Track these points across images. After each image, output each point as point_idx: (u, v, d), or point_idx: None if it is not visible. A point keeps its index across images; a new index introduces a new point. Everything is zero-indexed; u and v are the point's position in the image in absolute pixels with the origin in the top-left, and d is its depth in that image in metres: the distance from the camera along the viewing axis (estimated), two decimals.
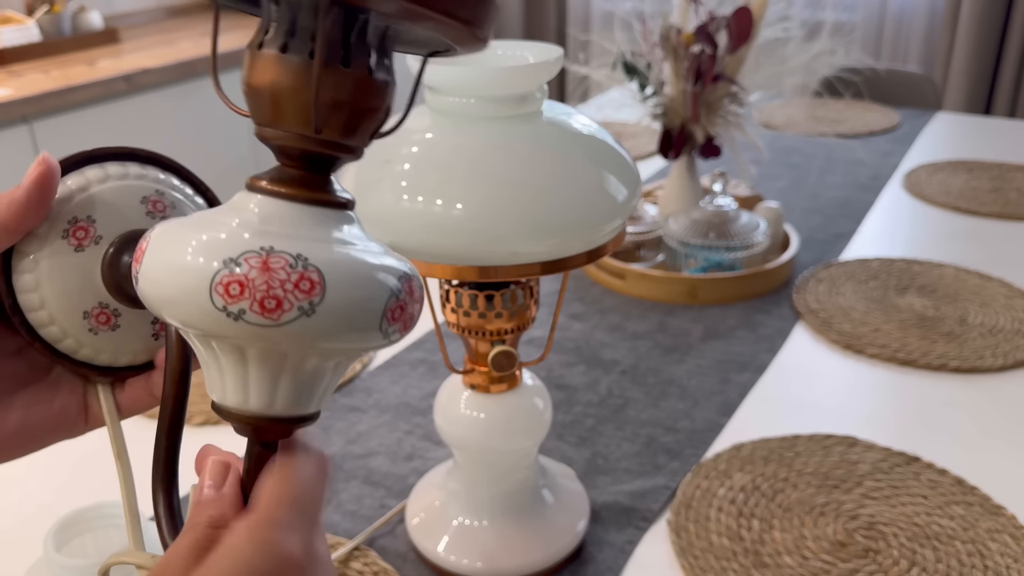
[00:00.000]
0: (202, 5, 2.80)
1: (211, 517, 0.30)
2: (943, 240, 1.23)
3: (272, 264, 0.27)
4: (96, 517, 0.59)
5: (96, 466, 0.80)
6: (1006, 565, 0.66)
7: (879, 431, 0.82)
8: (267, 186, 0.30)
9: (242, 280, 0.26)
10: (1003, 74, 2.48)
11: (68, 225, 0.36)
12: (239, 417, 0.30)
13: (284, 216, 0.29)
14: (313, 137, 0.29)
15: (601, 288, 1.11)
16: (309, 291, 0.27)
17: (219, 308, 0.27)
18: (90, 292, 0.37)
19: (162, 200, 0.39)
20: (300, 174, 0.30)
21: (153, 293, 0.29)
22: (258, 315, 0.27)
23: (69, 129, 1.84)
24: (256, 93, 0.29)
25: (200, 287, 0.27)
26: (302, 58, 0.28)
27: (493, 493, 0.67)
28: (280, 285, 0.27)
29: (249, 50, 0.29)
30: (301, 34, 0.28)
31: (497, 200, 0.52)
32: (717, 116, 1.11)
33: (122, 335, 0.38)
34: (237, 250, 0.27)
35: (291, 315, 0.27)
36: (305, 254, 0.27)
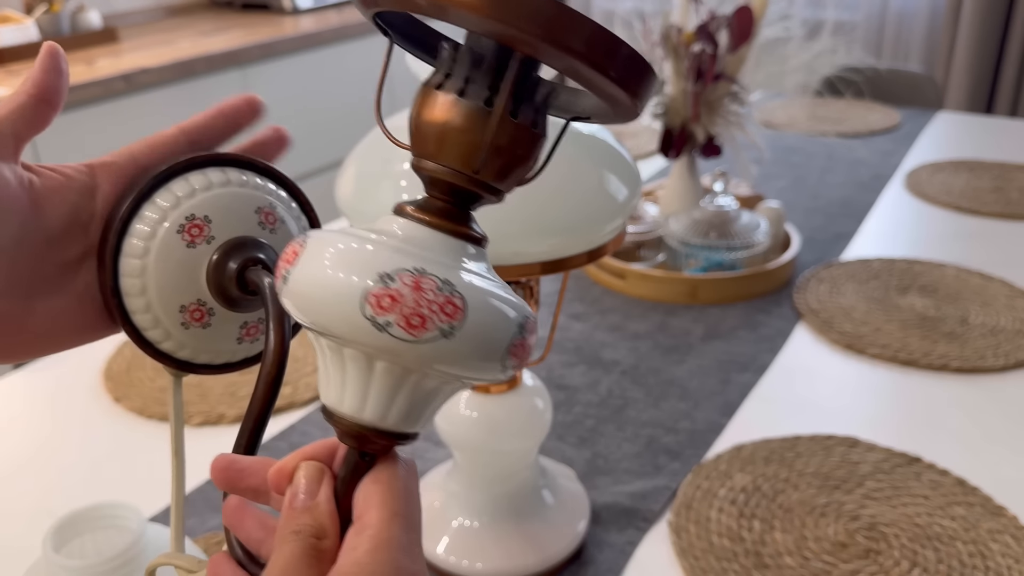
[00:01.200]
0: (202, 5, 2.80)
1: (311, 526, 0.30)
2: (944, 240, 1.23)
3: (423, 284, 0.29)
4: (96, 517, 0.59)
5: (96, 466, 0.80)
6: (1007, 566, 0.65)
7: (880, 432, 0.81)
8: (415, 213, 0.32)
9: (394, 295, 0.28)
10: (1004, 73, 2.48)
11: (185, 221, 0.37)
12: (351, 425, 0.32)
13: (427, 241, 0.31)
14: (470, 176, 0.31)
15: (601, 288, 1.11)
16: (452, 315, 0.29)
17: (367, 317, 0.28)
18: (192, 288, 0.38)
19: (274, 213, 0.40)
20: (447, 207, 0.32)
21: (304, 294, 0.30)
22: (403, 330, 0.28)
23: (68, 129, 1.83)
24: (424, 128, 0.31)
25: (353, 295, 0.29)
26: (477, 104, 0.30)
27: (493, 494, 0.67)
28: (427, 305, 0.28)
29: (425, 88, 0.32)
30: (478, 82, 0.31)
31: None
32: (718, 115, 1.11)
33: (210, 334, 0.39)
34: (393, 266, 0.29)
35: (431, 335, 0.29)
36: (452, 280, 0.29)
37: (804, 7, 2.61)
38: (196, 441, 0.82)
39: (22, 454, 0.82)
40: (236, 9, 2.72)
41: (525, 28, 0.27)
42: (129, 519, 0.58)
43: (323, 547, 0.30)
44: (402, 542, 0.29)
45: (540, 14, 0.27)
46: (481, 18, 0.27)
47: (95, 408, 0.89)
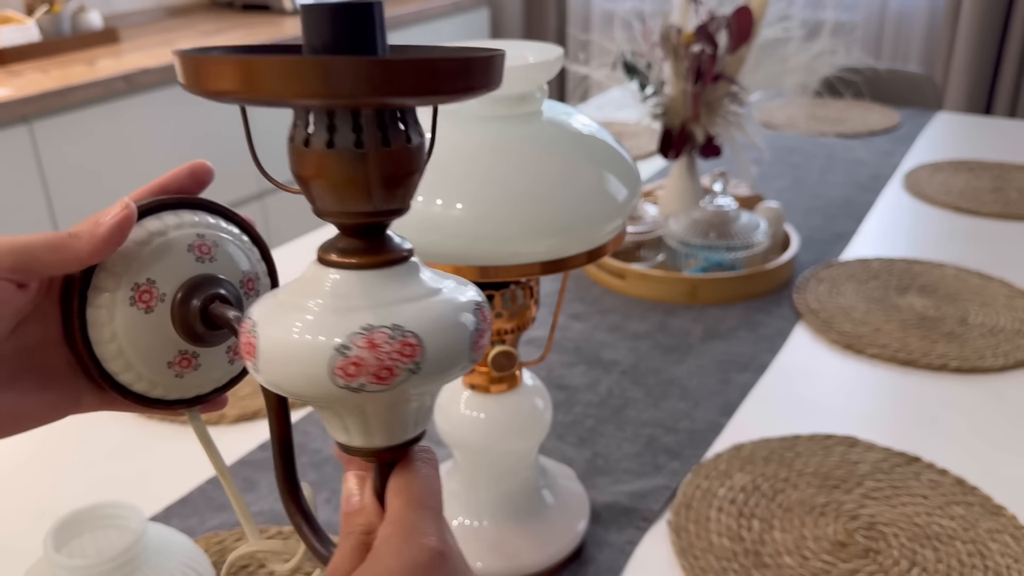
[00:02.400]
0: (202, 5, 2.80)
1: (361, 525, 0.36)
2: (944, 240, 1.23)
3: (376, 340, 0.31)
4: (96, 517, 0.59)
5: (96, 466, 0.80)
6: (1006, 565, 0.66)
7: (879, 431, 0.82)
8: (339, 259, 0.33)
9: (356, 361, 0.31)
10: (1004, 74, 2.48)
11: (132, 292, 0.38)
12: (366, 452, 0.36)
13: (362, 287, 0.32)
14: (372, 212, 0.32)
15: (601, 288, 1.11)
16: (412, 355, 0.31)
17: (341, 387, 0.31)
18: (169, 344, 0.40)
19: (205, 243, 0.41)
20: (363, 244, 0.33)
21: (277, 381, 0.32)
22: (375, 383, 0.31)
23: (69, 129, 1.84)
24: (313, 184, 0.32)
25: (320, 375, 0.31)
26: (348, 150, 0.31)
27: (493, 493, 0.67)
28: (387, 356, 0.31)
29: (292, 144, 0.32)
30: (342, 128, 0.31)
31: (497, 200, 0.52)
32: (717, 116, 1.11)
33: (203, 371, 0.41)
34: (344, 334, 0.31)
35: (401, 377, 0.31)
36: (399, 323, 0.31)
37: (803, 8, 2.62)
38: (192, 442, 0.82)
39: (22, 454, 0.82)
40: (236, 10, 2.72)
41: (358, 94, 0.27)
42: (130, 519, 0.58)
43: (371, 540, 0.35)
44: (411, 521, 0.34)
45: (366, 78, 0.27)
46: (317, 100, 0.28)
47: None
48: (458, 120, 0.56)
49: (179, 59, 0.30)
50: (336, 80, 0.27)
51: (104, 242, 0.37)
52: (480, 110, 0.55)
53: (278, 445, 0.39)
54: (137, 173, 1.98)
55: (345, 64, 0.27)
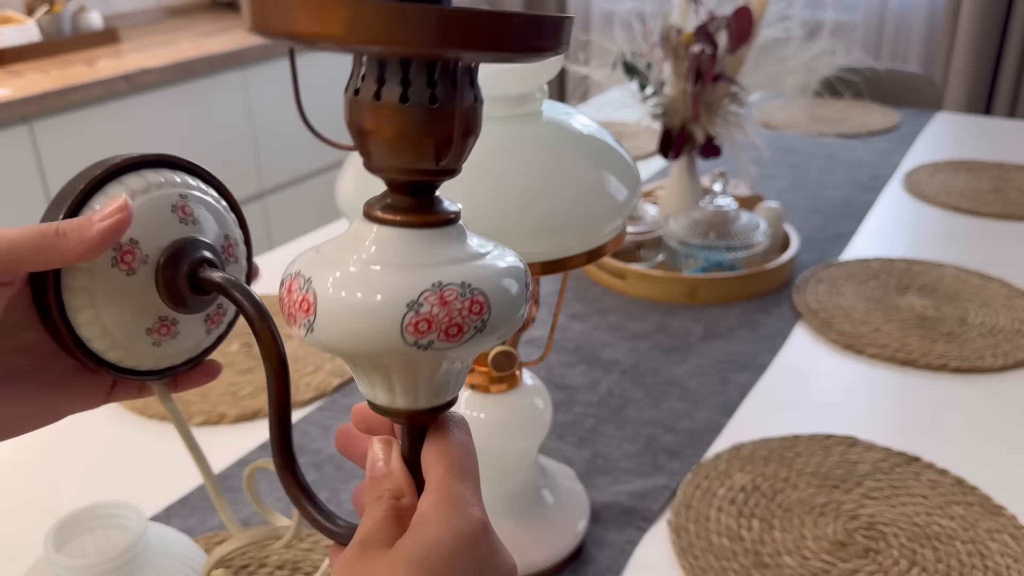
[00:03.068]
0: (202, 5, 2.80)
1: (390, 490, 0.34)
2: (943, 240, 1.23)
3: (447, 297, 0.31)
4: (96, 517, 0.59)
5: (97, 466, 0.80)
6: (1006, 565, 0.66)
7: (879, 431, 0.82)
8: (395, 217, 0.32)
9: (427, 318, 0.30)
10: (1003, 74, 2.48)
11: (115, 252, 0.37)
12: (407, 414, 0.34)
13: (421, 245, 0.32)
14: (436, 169, 0.32)
15: (601, 288, 1.11)
16: (480, 312, 0.31)
17: (411, 344, 0.31)
18: (150, 309, 0.38)
19: (187, 203, 0.39)
20: (418, 202, 0.33)
21: (339, 339, 0.31)
22: (444, 341, 0.31)
23: (69, 129, 1.84)
24: (373, 138, 0.31)
25: (392, 330, 0.30)
26: (422, 104, 0.30)
27: (493, 493, 0.67)
28: (458, 313, 0.31)
29: (356, 97, 0.31)
30: (416, 82, 0.30)
31: (497, 200, 0.52)
32: (717, 116, 1.11)
33: (180, 340, 0.40)
34: (416, 291, 0.30)
35: (469, 335, 0.31)
36: (468, 280, 0.31)
37: (803, 8, 2.60)
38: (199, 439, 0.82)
39: (22, 454, 0.82)
40: (237, 10, 2.72)
41: (431, 43, 0.27)
42: (130, 518, 0.58)
43: (403, 505, 0.34)
44: (460, 492, 0.33)
45: (441, 26, 0.27)
46: (387, 47, 0.28)
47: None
48: None
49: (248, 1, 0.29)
50: (411, 27, 0.27)
51: (95, 245, 0.35)
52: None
53: (276, 416, 0.37)
54: None
55: (421, 11, 0.27)
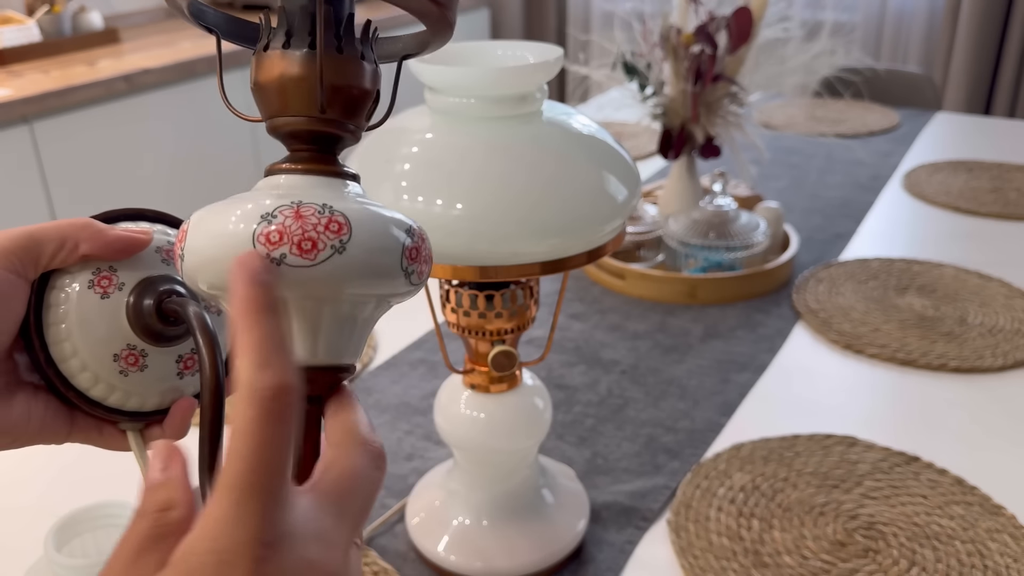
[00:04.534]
0: None
1: (159, 502, 0.28)
2: (943, 240, 1.24)
3: (303, 212, 0.31)
4: (96, 517, 0.59)
5: (96, 466, 0.80)
6: (1006, 565, 0.66)
7: (879, 431, 0.82)
8: (284, 166, 0.34)
9: (280, 229, 0.30)
10: (1003, 74, 2.48)
11: (92, 275, 0.39)
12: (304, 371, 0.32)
13: (303, 184, 0.33)
14: (319, 117, 0.33)
15: (601, 288, 1.11)
16: (338, 231, 0.31)
17: (265, 256, 0.30)
18: (118, 335, 0.39)
19: (173, 250, 0.41)
20: (311, 153, 0.34)
21: (201, 261, 0.32)
22: (297, 256, 0.30)
23: (69, 129, 1.84)
24: (265, 88, 0.33)
25: (243, 243, 0.30)
26: (303, 50, 0.33)
27: (493, 493, 0.67)
28: (313, 228, 0.30)
29: (255, 55, 0.34)
30: (298, 33, 0.33)
31: (497, 200, 0.52)
32: (717, 116, 1.11)
33: (149, 376, 0.40)
34: (272, 206, 0.31)
35: (326, 254, 0.30)
36: (329, 203, 0.31)
37: (803, 8, 2.62)
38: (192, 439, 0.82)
39: (22, 454, 0.82)
40: (237, 10, 2.72)
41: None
42: (130, 518, 0.58)
43: (170, 519, 0.27)
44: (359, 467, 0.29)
45: None
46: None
47: None
48: (458, 121, 0.56)
49: None
50: None
51: (109, 243, 0.37)
52: (480, 110, 0.56)
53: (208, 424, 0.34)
54: (137, 173, 1.98)
55: None
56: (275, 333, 0.27)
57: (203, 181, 2.11)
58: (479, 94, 0.55)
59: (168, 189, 2.04)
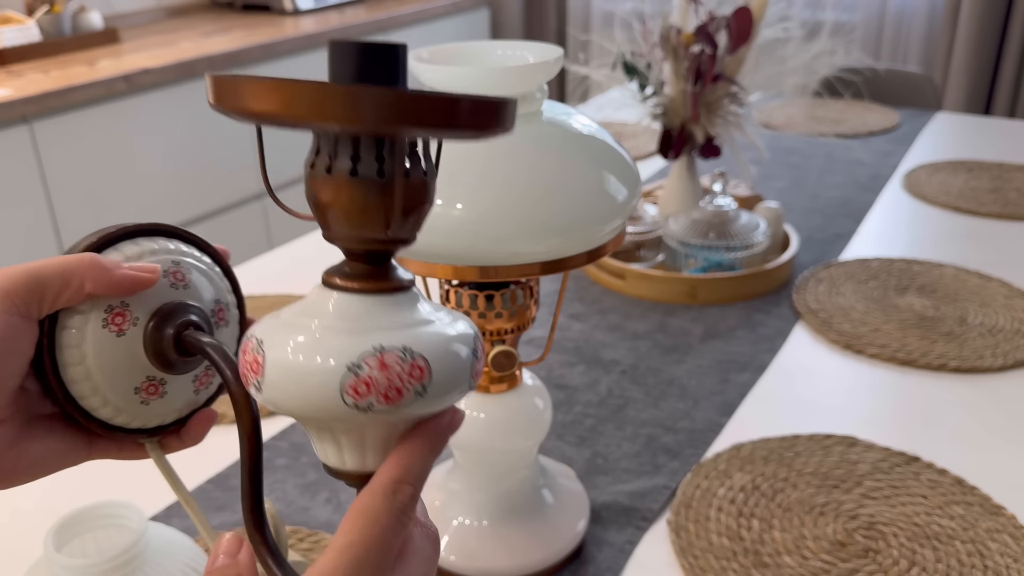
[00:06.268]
0: (202, 5, 2.80)
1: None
2: (943, 240, 1.24)
3: (387, 361, 0.32)
4: (96, 517, 0.59)
5: (96, 466, 0.80)
6: (1006, 565, 0.66)
7: (879, 431, 0.82)
8: (345, 283, 0.34)
9: (367, 380, 0.31)
10: (1003, 74, 2.48)
11: (106, 314, 0.38)
12: (358, 476, 0.35)
13: (368, 310, 0.33)
14: (386, 239, 0.33)
15: (601, 288, 1.11)
16: (420, 377, 0.32)
17: (350, 406, 0.32)
18: (138, 369, 0.39)
19: (180, 270, 0.41)
20: (370, 270, 0.34)
21: (283, 399, 0.33)
22: (383, 405, 0.32)
23: (69, 129, 1.84)
24: (330, 210, 0.33)
25: (331, 392, 0.31)
26: (371, 178, 0.32)
27: (493, 493, 0.67)
28: (397, 377, 0.32)
29: (312, 171, 0.33)
30: (365, 157, 0.32)
31: (497, 200, 0.52)
32: (717, 116, 1.11)
33: (169, 400, 0.41)
34: (356, 354, 0.32)
35: (409, 399, 0.32)
36: (408, 345, 0.32)
37: (803, 8, 2.62)
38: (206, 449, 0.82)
39: None
40: (237, 10, 2.72)
41: (383, 122, 0.29)
42: (130, 518, 0.58)
43: None
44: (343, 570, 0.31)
45: (393, 107, 0.29)
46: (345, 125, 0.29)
47: None
48: None
49: (211, 79, 0.31)
50: (365, 107, 0.28)
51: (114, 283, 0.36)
52: None
53: (248, 475, 0.38)
54: (137, 173, 1.98)
55: (375, 92, 0.29)
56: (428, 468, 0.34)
57: (203, 181, 2.11)
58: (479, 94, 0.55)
59: (168, 189, 2.04)
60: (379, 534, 0.32)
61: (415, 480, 0.33)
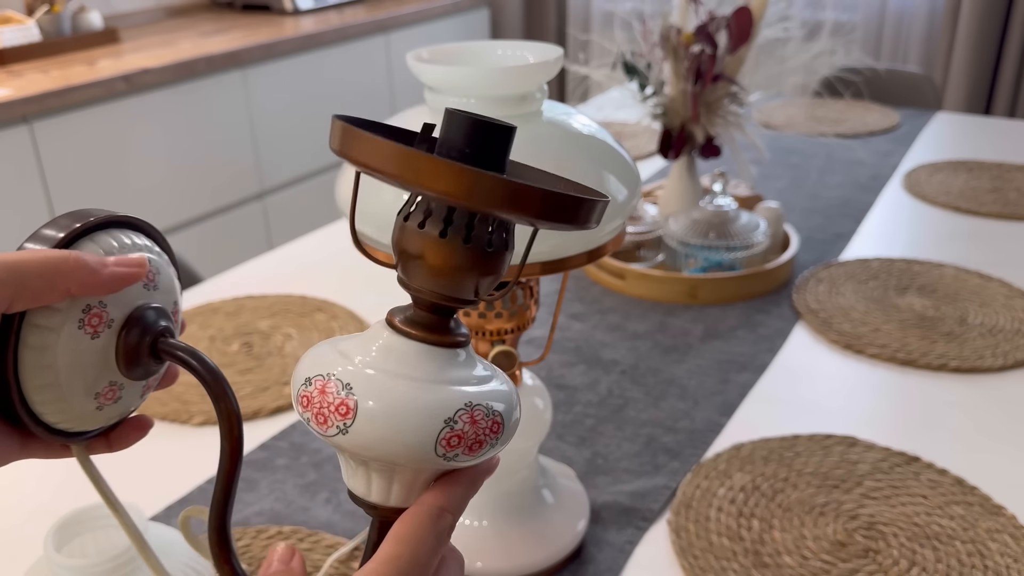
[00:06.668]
0: (202, 5, 2.80)
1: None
2: (943, 240, 1.24)
3: (476, 417, 0.34)
4: (96, 517, 0.59)
5: (97, 465, 0.80)
6: (1006, 565, 0.66)
7: (879, 431, 0.82)
8: (418, 333, 0.36)
9: (459, 435, 0.34)
10: (1003, 74, 2.48)
11: (83, 314, 0.35)
12: (377, 509, 0.37)
13: (446, 363, 0.35)
14: (467, 300, 0.35)
15: (601, 288, 1.11)
16: (496, 432, 0.35)
17: (439, 456, 0.34)
18: (104, 374, 0.37)
19: (151, 269, 0.39)
20: (439, 321, 0.36)
21: (372, 445, 0.34)
22: (466, 455, 0.34)
23: (69, 129, 1.84)
24: (415, 261, 0.35)
25: (428, 443, 0.33)
26: (459, 241, 0.34)
27: (493, 493, 0.67)
28: (483, 432, 0.34)
29: (407, 223, 0.35)
30: (457, 221, 0.34)
31: None
32: (717, 116, 1.11)
33: (121, 404, 0.39)
34: (453, 408, 0.34)
35: (486, 452, 0.35)
36: (492, 405, 0.35)
37: (803, 8, 2.62)
38: (199, 439, 0.83)
39: None
40: (237, 10, 2.72)
41: (491, 205, 0.31)
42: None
43: None
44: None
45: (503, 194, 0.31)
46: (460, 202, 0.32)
47: None
48: None
49: (339, 128, 0.33)
50: (480, 189, 0.31)
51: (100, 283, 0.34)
52: (480, 110, 0.55)
53: (221, 494, 0.37)
54: (137, 173, 1.98)
55: (492, 181, 0.31)
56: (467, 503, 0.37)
57: (203, 181, 2.11)
58: (479, 94, 0.55)
59: (168, 189, 2.04)
60: (422, 552, 0.34)
61: (455, 510, 0.35)
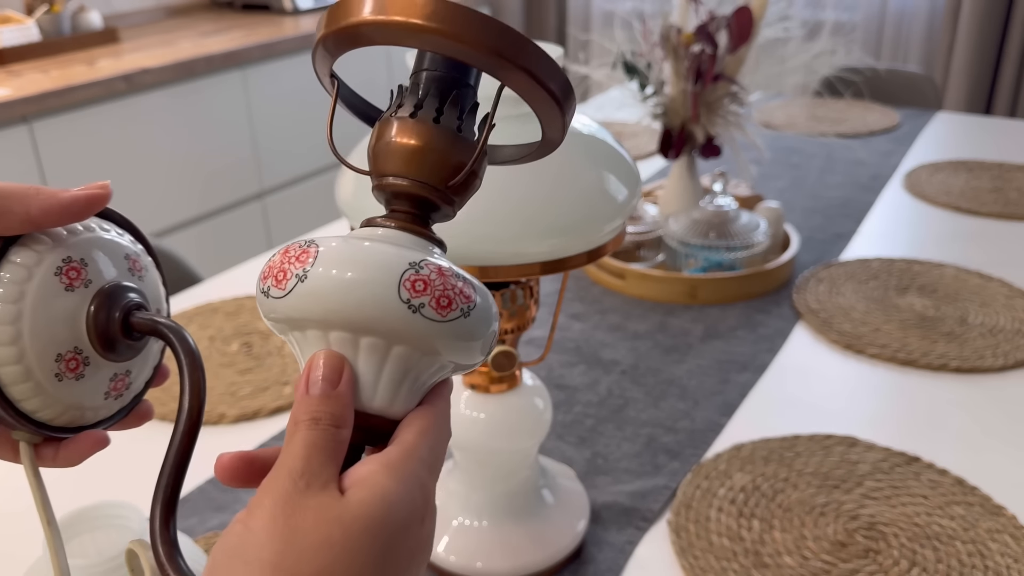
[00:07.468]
0: (202, 5, 2.80)
1: (332, 416, 0.29)
2: (943, 240, 1.23)
3: (445, 272, 0.32)
4: (96, 517, 0.59)
5: (96, 466, 0.80)
6: (1006, 565, 0.66)
7: (879, 431, 0.82)
8: (392, 223, 0.35)
9: (425, 279, 0.31)
10: (1003, 74, 2.48)
11: (62, 263, 0.35)
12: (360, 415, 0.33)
13: (420, 242, 0.34)
14: (443, 189, 0.35)
15: (601, 288, 1.11)
16: (468, 299, 0.32)
17: (403, 300, 0.31)
18: (70, 334, 0.35)
19: (139, 261, 0.39)
20: (415, 214, 0.35)
21: (330, 288, 0.31)
22: (433, 310, 0.31)
23: (69, 129, 1.84)
24: (398, 149, 0.34)
25: (391, 280, 0.31)
26: (451, 129, 0.34)
27: (493, 493, 0.67)
28: (451, 288, 0.32)
29: (392, 118, 0.34)
30: (449, 111, 0.34)
31: (497, 200, 0.52)
32: (717, 116, 1.11)
33: (79, 388, 0.36)
34: (418, 256, 0.32)
35: (455, 315, 0.32)
36: (462, 272, 0.33)
37: (803, 8, 2.62)
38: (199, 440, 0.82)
39: None
40: (236, 10, 2.72)
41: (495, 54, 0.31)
42: (130, 518, 0.58)
43: (341, 438, 0.29)
44: (419, 469, 0.30)
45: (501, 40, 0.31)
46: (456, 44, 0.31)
47: None
48: None
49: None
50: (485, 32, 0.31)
51: (64, 206, 0.33)
52: (480, 110, 0.55)
53: (175, 467, 0.34)
54: (137, 173, 1.98)
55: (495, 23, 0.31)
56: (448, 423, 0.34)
57: (203, 181, 2.11)
58: (479, 93, 0.55)
59: (167, 189, 2.04)
60: (445, 428, 0.32)
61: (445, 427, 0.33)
